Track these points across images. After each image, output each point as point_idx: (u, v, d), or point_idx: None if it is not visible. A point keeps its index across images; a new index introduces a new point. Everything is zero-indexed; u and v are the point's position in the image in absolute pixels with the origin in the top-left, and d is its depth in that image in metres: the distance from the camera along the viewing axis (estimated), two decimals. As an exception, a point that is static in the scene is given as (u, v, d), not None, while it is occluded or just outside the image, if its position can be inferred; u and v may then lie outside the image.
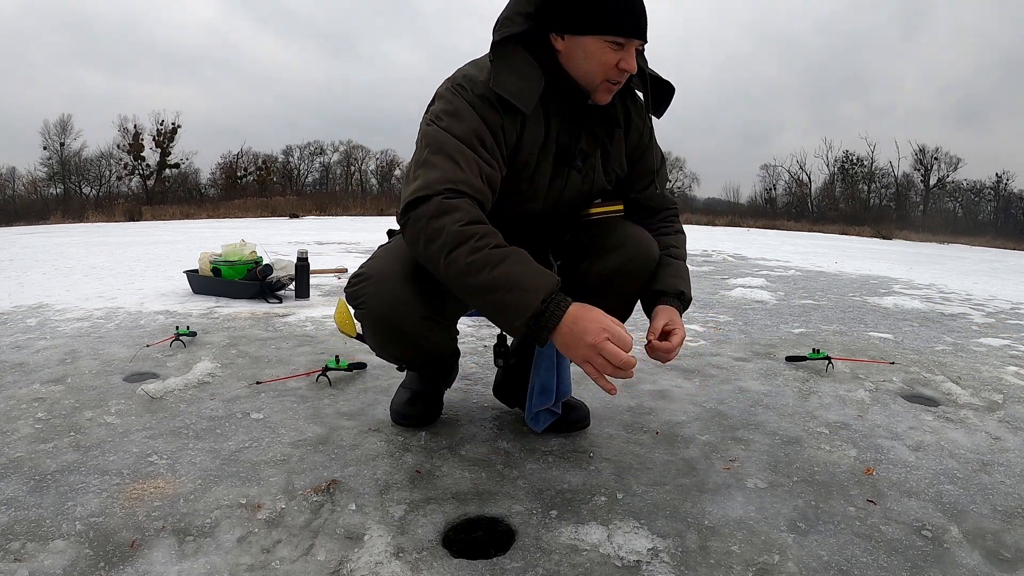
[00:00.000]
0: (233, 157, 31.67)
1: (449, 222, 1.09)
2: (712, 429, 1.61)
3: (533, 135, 1.26)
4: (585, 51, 1.19)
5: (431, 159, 1.16)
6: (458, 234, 1.08)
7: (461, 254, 1.07)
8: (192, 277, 3.52)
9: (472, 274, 1.07)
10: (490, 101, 1.20)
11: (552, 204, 1.35)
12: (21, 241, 7.80)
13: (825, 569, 1.04)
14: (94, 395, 1.75)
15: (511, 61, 1.20)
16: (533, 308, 1.06)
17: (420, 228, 1.11)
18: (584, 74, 1.22)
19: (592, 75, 1.21)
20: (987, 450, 1.55)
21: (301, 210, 19.27)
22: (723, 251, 8.07)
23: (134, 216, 17.10)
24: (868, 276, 5.76)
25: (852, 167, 34.11)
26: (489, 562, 1.03)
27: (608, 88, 1.23)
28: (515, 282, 1.06)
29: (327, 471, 1.32)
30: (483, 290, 1.08)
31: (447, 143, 1.16)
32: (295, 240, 7.82)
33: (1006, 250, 16.00)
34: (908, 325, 3.24)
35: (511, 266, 1.07)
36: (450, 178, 1.13)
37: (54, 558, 1.00)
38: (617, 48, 1.17)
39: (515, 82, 1.19)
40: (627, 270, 1.32)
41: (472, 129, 1.18)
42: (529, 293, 1.06)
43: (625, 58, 1.18)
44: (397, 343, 1.32)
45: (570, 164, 1.31)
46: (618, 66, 1.19)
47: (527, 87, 1.20)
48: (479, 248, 1.07)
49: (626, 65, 1.18)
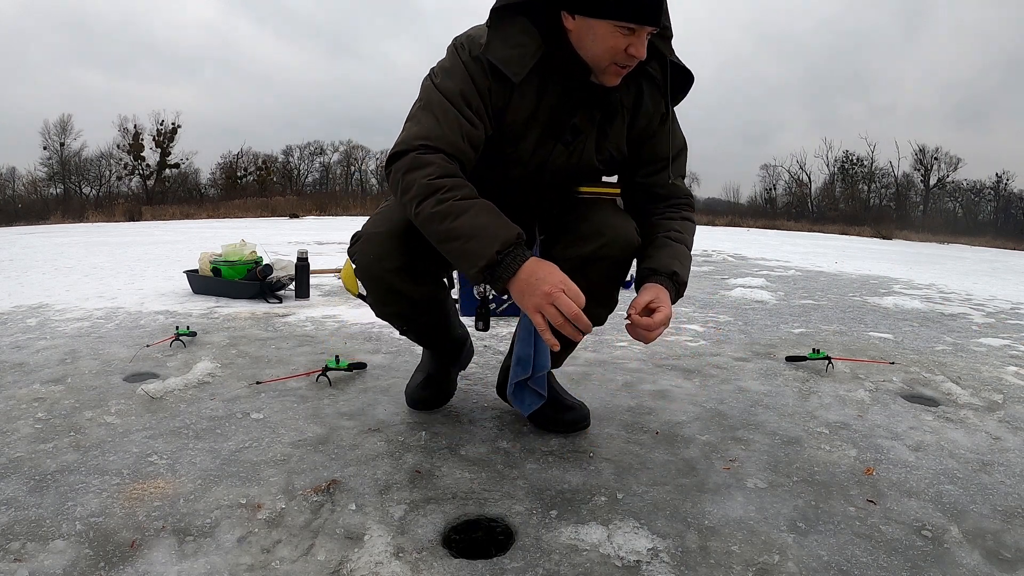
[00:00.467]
0: (233, 157, 31.67)
1: (420, 176, 1.15)
2: (712, 429, 1.61)
3: (522, 103, 1.27)
4: (595, 34, 1.19)
5: (417, 114, 1.23)
6: (427, 186, 1.14)
7: (428, 204, 1.14)
8: (192, 277, 3.52)
9: (436, 222, 1.14)
10: (482, 64, 1.23)
11: (533, 172, 1.35)
12: (21, 241, 7.80)
13: (825, 569, 1.04)
14: (94, 395, 1.75)
15: (507, 29, 1.22)
16: (487, 257, 1.11)
17: (397, 180, 1.19)
18: (593, 56, 1.23)
19: (600, 58, 1.22)
20: (987, 450, 1.55)
21: (301, 210, 19.26)
22: (723, 251, 8.07)
23: (134, 216, 17.09)
24: (868, 276, 5.76)
25: (852, 167, 34.12)
26: (489, 562, 1.03)
27: (616, 71, 1.23)
28: (475, 232, 1.12)
29: (327, 471, 1.32)
30: (447, 238, 1.14)
31: (434, 100, 1.22)
32: (295, 240, 7.82)
33: (1006, 250, 16.00)
34: (908, 325, 3.24)
35: (474, 217, 1.13)
36: (428, 134, 1.19)
37: (54, 558, 1.00)
38: (628, 33, 1.18)
39: (506, 50, 1.21)
40: (600, 255, 1.31)
41: (459, 89, 1.22)
42: (487, 242, 1.11)
43: (635, 43, 1.18)
44: (385, 297, 1.37)
45: (557, 137, 1.32)
46: (627, 51, 1.19)
47: (518, 55, 1.22)
48: (445, 200, 1.13)
49: (635, 51, 1.19)
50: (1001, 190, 32.77)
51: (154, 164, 29.61)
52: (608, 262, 1.33)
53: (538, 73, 1.26)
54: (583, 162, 1.36)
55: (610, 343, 2.49)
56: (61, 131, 29.47)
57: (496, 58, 1.20)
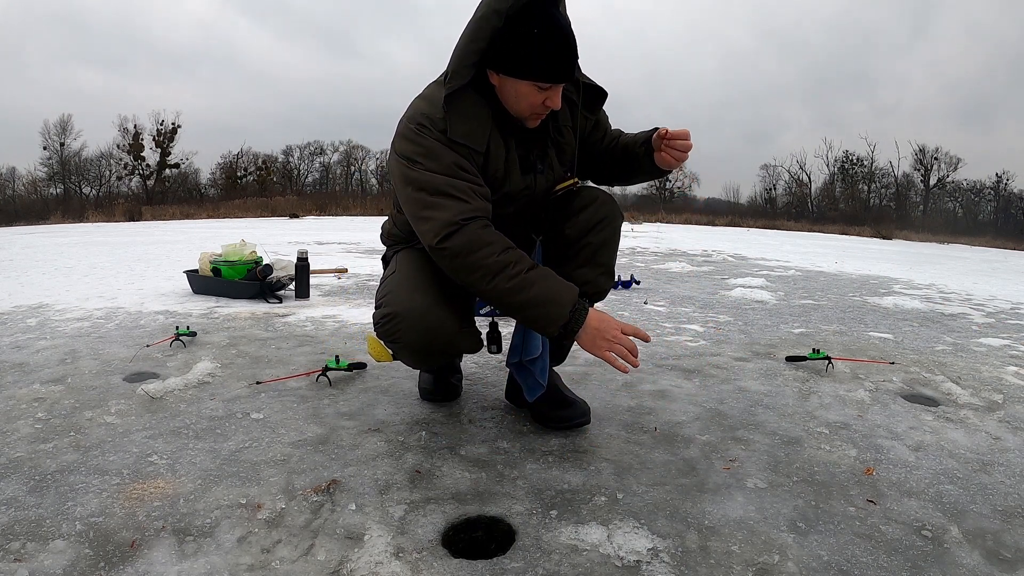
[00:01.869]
0: (233, 157, 31.67)
1: (485, 255, 1.28)
2: (712, 429, 1.61)
3: (496, 154, 1.41)
4: (516, 91, 1.34)
5: (433, 200, 1.31)
6: (496, 264, 1.28)
7: (502, 280, 1.28)
8: (192, 277, 3.52)
9: (514, 295, 1.29)
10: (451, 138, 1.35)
11: (526, 204, 1.51)
12: (21, 241, 7.80)
13: (825, 569, 1.04)
14: (94, 395, 1.75)
15: (461, 108, 1.35)
16: (564, 318, 1.30)
17: (460, 263, 1.30)
18: (516, 109, 1.38)
19: (523, 110, 1.38)
20: (987, 450, 1.55)
21: (301, 210, 19.26)
22: (723, 251, 8.07)
23: (134, 216, 17.09)
24: (868, 276, 5.76)
25: (852, 167, 34.11)
26: (489, 562, 1.03)
27: (536, 118, 1.40)
28: (548, 298, 1.30)
29: (327, 471, 1.32)
30: (524, 307, 1.30)
31: (439, 183, 1.31)
32: (295, 240, 7.82)
33: (1006, 250, 16.00)
34: (908, 325, 3.24)
35: (543, 285, 1.30)
36: (462, 210, 1.30)
37: (54, 558, 1.00)
38: (545, 89, 1.33)
39: (465, 127, 1.35)
40: (599, 218, 1.51)
41: (452, 162, 1.33)
42: (559, 306, 1.30)
43: (551, 97, 1.34)
44: (435, 358, 1.54)
45: (534, 170, 1.48)
46: (544, 103, 1.35)
47: (476, 128, 1.36)
48: (516, 275, 1.29)
49: (552, 103, 1.34)
50: (1001, 190, 32.77)
51: (154, 164, 29.63)
52: (606, 224, 1.52)
53: (498, 126, 1.41)
54: (556, 177, 1.53)
55: (610, 343, 2.49)
56: (61, 131, 29.49)
57: (459, 136, 1.33)
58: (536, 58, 1.29)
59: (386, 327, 1.41)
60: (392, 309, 1.39)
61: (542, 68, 1.30)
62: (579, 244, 1.50)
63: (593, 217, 1.51)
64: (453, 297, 1.43)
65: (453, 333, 1.41)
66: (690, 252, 7.70)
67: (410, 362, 1.54)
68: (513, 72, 1.31)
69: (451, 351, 1.48)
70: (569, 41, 1.31)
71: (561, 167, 1.54)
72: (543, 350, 1.51)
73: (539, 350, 1.50)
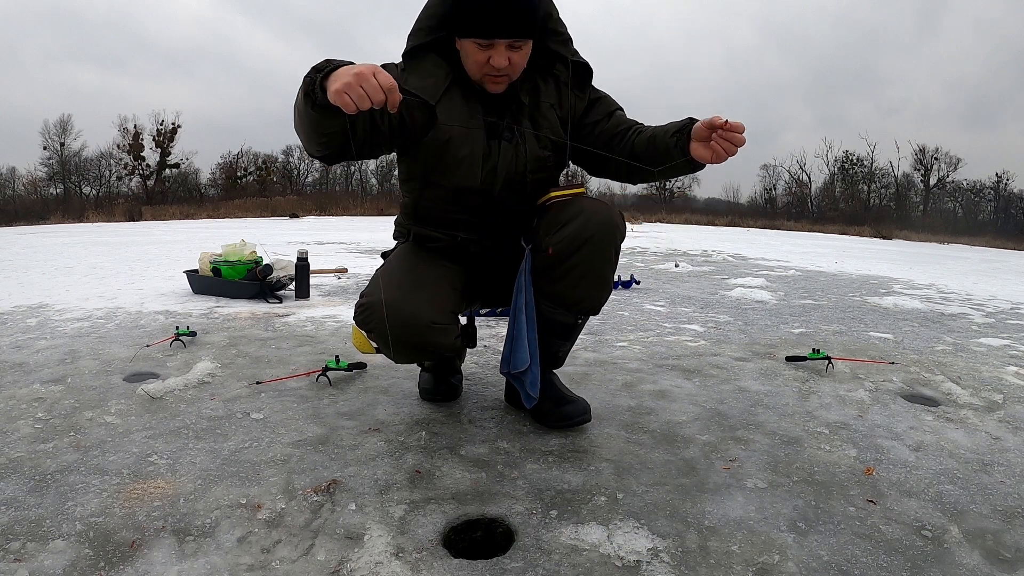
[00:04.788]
0: (233, 157, 31.63)
1: None
2: (712, 429, 1.61)
3: (452, 116, 1.40)
4: (464, 51, 1.36)
5: None
6: None
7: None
8: (192, 277, 3.52)
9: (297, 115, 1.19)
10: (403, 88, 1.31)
11: (490, 176, 1.45)
12: (21, 241, 7.80)
13: (825, 569, 1.04)
14: (94, 395, 1.75)
15: (418, 66, 1.41)
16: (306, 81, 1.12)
17: None
18: (469, 69, 1.39)
19: (472, 71, 1.38)
20: (987, 450, 1.55)
21: (301, 210, 19.27)
22: (723, 251, 8.07)
23: (134, 216, 17.09)
24: (868, 276, 5.76)
25: (852, 167, 34.10)
26: (489, 562, 1.03)
27: (492, 80, 1.38)
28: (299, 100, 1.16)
29: (327, 471, 1.32)
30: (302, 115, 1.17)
31: None
32: (295, 240, 7.82)
33: (1006, 250, 16.00)
34: (908, 325, 3.24)
35: None
36: None
37: (54, 558, 1.00)
38: (485, 47, 1.32)
39: (420, 83, 1.38)
40: (586, 235, 1.40)
41: None
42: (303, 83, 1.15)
43: (494, 55, 1.32)
44: (410, 353, 1.45)
45: (499, 136, 1.44)
46: (489, 62, 1.33)
47: (430, 85, 1.39)
48: None
49: (495, 62, 1.33)
50: (1001, 190, 32.76)
51: (154, 164, 29.60)
52: (595, 243, 1.40)
53: (459, 91, 1.41)
54: (529, 154, 1.46)
55: (610, 343, 2.50)
56: (61, 131, 29.47)
57: (412, 88, 1.30)
58: (470, 12, 1.29)
59: (362, 316, 1.40)
60: (368, 299, 1.39)
61: (474, 23, 1.30)
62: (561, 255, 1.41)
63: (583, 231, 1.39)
64: (435, 294, 1.41)
65: (425, 327, 1.37)
66: (690, 252, 7.70)
67: (389, 355, 1.46)
68: (458, 31, 1.34)
69: (426, 346, 1.41)
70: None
71: (539, 144, 1.46)
72: (532, 362, 1.47)
73: (526, 363, 1.45)
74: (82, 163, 30.07)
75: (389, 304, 1.34)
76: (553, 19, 1.49)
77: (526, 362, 1.46)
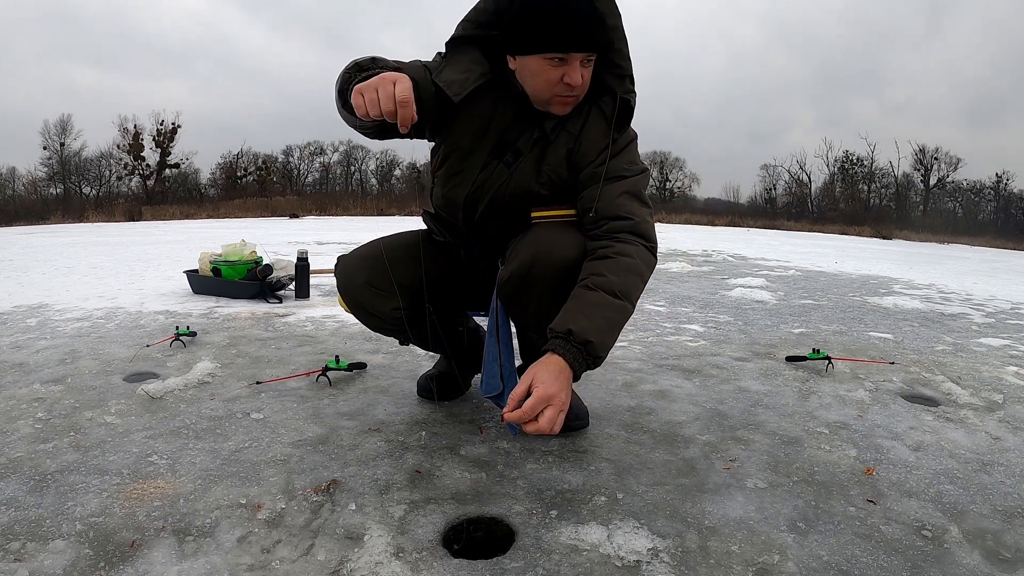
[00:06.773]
0: (233, 157, 31.63)
1: None
2: (712, 429, 1.61)
3: (468, 126, 1.33)
4: (530, 70, 1.24)
5: None
6: None
7: None
8: (192, 277, 3.52)
9: None
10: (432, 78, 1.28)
11: (475, 192, 1.38)
12: (21, 241, 7.80)
13: (825, 569, 1.04)
14: (94, 395, 1.75)
15: (458, 58, 1.30)
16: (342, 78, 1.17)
17: None
18: (534, 90, 1.27)
19: (541, 91, 1.26)
20: (987, 450, 1.55)
21: (301, 210, 19.25)
22: (723, 251, 8.07)
23: (134, 216, 17.08)
24: (868, 276, 5.76)
25: (852, 167, 34.10)
26: (489, 562, 1.03)
27: (561, 102, 1.26)
28: None
29: (327, 471, 1.32)
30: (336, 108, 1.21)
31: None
32: (295, 240, 7.82)
33: (1006, 250, 15.98)
34: (908, 325, 3.24)
35: None
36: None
37: (54, 558, 1.00)
38: (559, 63, 1.20)
39: (451, 75, 1.27)
40: (524, 270, 1.26)
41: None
42: None
43: (568, 72, 1.20)
44: (355, 310, 1.52)
45: (500, 158, 1.35)
46: (563, 80, 1.21)
47: (461, 80, 1.27)
48: None
49: (570, 79, 1.21)
50: (1001, 190, 32.76)
51: (154, 164, 29.60)
52: (531, 284, 1.26)
53: (490, 98, 1.31)
54: (521, 186, 1.34)
55: (610, 343, 2.49)
56: (61, 131, 29.46)
57: (441, 80, 1.26)
58: (540, 26, 1.17)
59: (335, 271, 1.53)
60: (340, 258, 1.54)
61: (546, 37, 1.17)
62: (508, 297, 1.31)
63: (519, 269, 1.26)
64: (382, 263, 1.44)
65: (361, 285, 1.46)
66: (690, 252, 7.69)
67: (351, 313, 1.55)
68: (522, 48, 1.22)
69: (363, 305, 1.48)
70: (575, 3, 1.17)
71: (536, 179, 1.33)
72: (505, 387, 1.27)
73: (495, 390, 1.29)
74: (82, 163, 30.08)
75: (341, 261, 1.52)
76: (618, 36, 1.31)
77: (495, 389, 1.29)
